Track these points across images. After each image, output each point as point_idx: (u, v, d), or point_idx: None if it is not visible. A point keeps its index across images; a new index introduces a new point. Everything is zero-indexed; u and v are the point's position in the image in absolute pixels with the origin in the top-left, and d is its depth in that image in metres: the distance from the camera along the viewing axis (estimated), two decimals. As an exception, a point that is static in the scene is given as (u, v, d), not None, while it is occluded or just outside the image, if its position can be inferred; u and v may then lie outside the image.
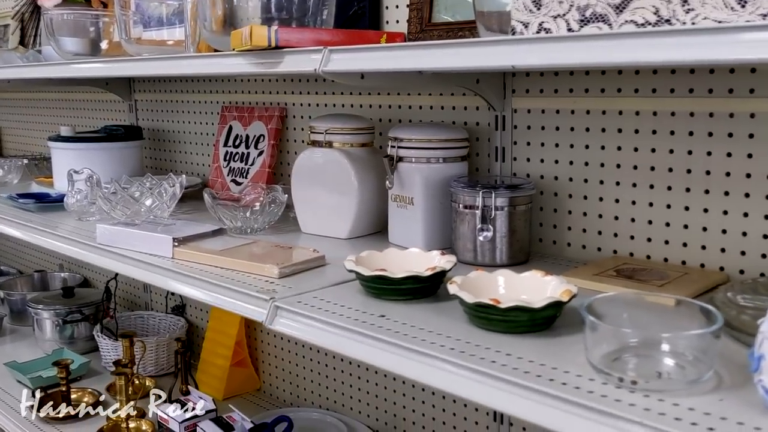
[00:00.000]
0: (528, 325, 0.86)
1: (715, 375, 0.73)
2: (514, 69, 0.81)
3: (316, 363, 1.81)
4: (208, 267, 1.19)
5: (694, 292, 1.00)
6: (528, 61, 0.78)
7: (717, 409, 0.67)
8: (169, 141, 2.16)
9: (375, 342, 0.87)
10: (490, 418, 1.44)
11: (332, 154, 1.39)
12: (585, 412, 0.68)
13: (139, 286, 2.37)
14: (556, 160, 1.27)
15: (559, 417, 0.70)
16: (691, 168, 1.11)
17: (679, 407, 0.67)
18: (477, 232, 1.16)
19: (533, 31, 0.81)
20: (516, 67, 0.80)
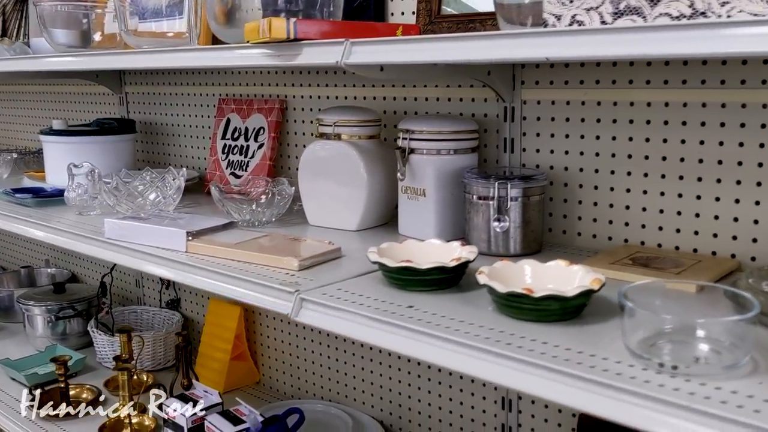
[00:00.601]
0: (559, 314, 0.88)
1: (751, 360, 0.75)
2: (548, 60, 0.82)
3: (317, 355, 1.81)
4: (224, 260, 1.18)
5: (710, 279, 1.03)
6: (563, 53, 0.79)
7: (759, 392, 0.69)
8: (162, 134, 2.13)
9: (408, 332, 0.88)
10: (498, 407, 1.46)
11: (341, 146, 1.39)
12: (630, 397, 0.70)
13: (131, 281, 2.35)
14: (566, 150, 1.28)
15: (604, 403, 0.71)
16: (703, 158, 1.13)
17: (722, 391, 0.69)
18: (493, 222, 1.17)
19: (566, 23, 0.82)
20: (550, 59, 0.81)
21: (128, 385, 1.69)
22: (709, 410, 0.65)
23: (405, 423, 1.64)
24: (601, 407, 0.71)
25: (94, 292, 2.29)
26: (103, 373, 2.04)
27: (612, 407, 0.70)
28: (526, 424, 1.42)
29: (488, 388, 1.47)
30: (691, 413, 0.66)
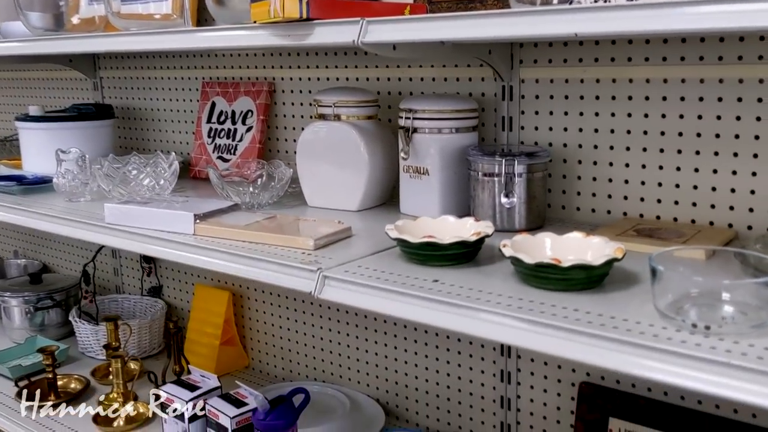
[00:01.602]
0: (584, 283, 0.91)
1: (775, 319, 0.79)
2: (577, 37, 0.84)
3: (310, 337, 1.82)
4: (236, 242, 1.18)
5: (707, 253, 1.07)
6: (591, 29, 0.82)
7: (791, 347, 0.73)
8: (140, 119, 2.10)
9: (439, 305, 0.90)
10: (497, 379, 1.50)
11: (341, 126, 1.40)
12: (671, 357, 0.73)
13: (109, 270, 2.31)
14: (565, 127, 1.32)
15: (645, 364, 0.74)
16: (701, 132, 1.18)
17: (756, 347, 0.73)
18: (502, 198, 1.20)
19: (590, 0, 0.85)
20: (579, 35, 0.83)
21: (122, 372, 1.68)
22: (748, 365, 0.69)
23: (402, 400, 1.67)
24: (641, 368, 0.74)
25: (71, 281, 2.24)
26: (88, 362, 2.01)
27: (653, 368, 0.74)
28: (525, 395, 1.47)
29: (487, 361, 1.51)
30: (732, 369, 0.70)
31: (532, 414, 1.46)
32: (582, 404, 1.37)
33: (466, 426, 1.57)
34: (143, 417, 1.68)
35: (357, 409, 1.67)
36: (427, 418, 1.63)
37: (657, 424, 1.28)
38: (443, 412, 1.60)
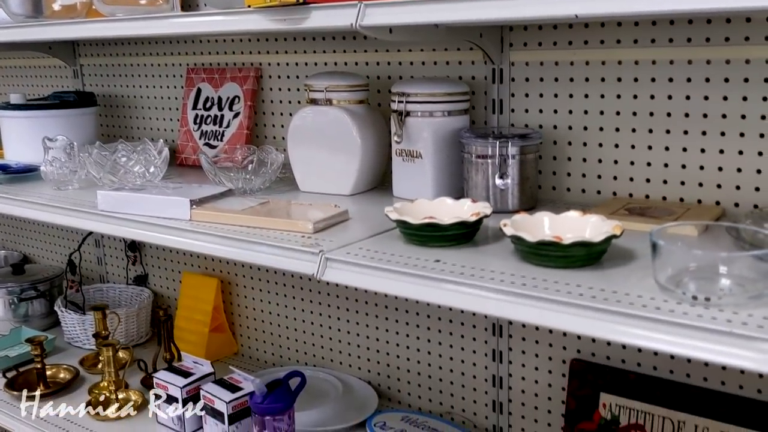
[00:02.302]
0: (584, 259, 0.93)
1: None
2: (578, 18, 0.86)
3: (300, 322, 1.83)
4: (233, 227, 1.18)
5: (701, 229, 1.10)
6: (592, 10, 0.84)
7: (789, 316, 0.76)
8: (122, 106, 2.08)
9: (444, 284, 0.92)
10: (488, 359, 1.52)
11: (333, 111, 1.40)
12: (674, 328, 0.76)
13: (93, 259, 2.30)
14: (555, 110, 1.34)
15: (650, 336, 0.77)
16: (688, 112, 1.21)
17: (754, 317, 0.76)
18: (497, 180, 1.22)
19: (589, -18, 0.86)
20: (579, 17, 0.85)
21: (114, 360, 1.67)
22: (749, 334, 0.72)
23: (394, 382, 1.69)
24: (645, 340, 0.77)
25: (55, 272, 2.22)
26: (75, 352, 2.00)
27: (657, 339, 0.76)
28: (517, 373, 1.49)
29: (478, 341, 1.53)
30: (734, 338, 0.73)
31: (524, 392, 1.49)
32: (573, 380, 1.40)
33: (458, 405, 1.59)
34: (135, 405, 1.68)
35: (350, 392, 1.68)
36: (420, 399, 1.65)
37: (647, 397, 1.32)
38: (436, 393, 1.62)
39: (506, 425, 1.53)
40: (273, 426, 1.37)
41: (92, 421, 1.62)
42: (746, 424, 1.22)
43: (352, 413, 1.59)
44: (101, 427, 1.60)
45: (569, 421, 1.40)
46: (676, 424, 1.29)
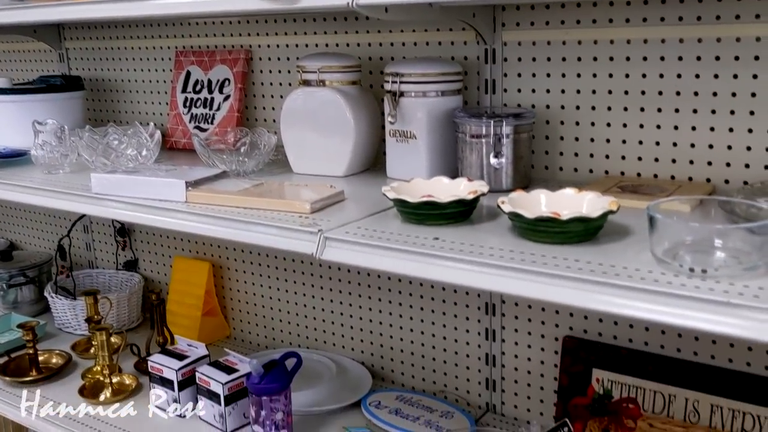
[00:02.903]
0: (582, 235, 0.95)
1: (766, 265, 0.84)
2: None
3: (292, 305, 1.84)
4: (230, 208, 1.19)
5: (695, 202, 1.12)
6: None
7: (785, 287, 0.78)
8: (110, 90, 2.06)
9: (445, 261, 0.93)
10: (482, 338, 1.54)
11: (327, 92, 1.40)
12: (673, 299, 0.77)
13: (81, 245, 2.28)
14: (548, 89, 1.35)
15: (650, 308, 0.78)
16: (680, 90, 1.22)
17: (750, 288, 0.78)
18: (492, 159, 1.23)
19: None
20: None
21: (107, 345, 1.67)
22: (746, 303, 0.74)
23: (387, 362, 1.70)
24: (645, 312, 0.78)
25: (43, 258, 2.21)
26: (66, 338, 1.99)
27: (656, 311, 0.78)
28: (510, 351, 1.51)
29: (471, 320, 1.55)
30: (731, 308, 0.74)
31: (517, 369, 1.51)
32: (566, 357, 1.42)
33: (452, 384, 1.61)
34: (129, 389, 1.68)
35: (344, 373, 1.70)
36: (413, 379, 1.67)
37: (639, 372, 1.34)
38: (429, 372, 1.64)
39: (499, 402, 1.55)
40: (270, 406, 1.38)
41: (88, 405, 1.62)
42: (736, 396, 1.25)
43: (347, 393, 1.61)
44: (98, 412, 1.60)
45: (562, 397, 1.42)
46: (668, 398, 1.31)
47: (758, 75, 1.15)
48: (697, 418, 1.28)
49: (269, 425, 1.38)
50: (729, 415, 1.26)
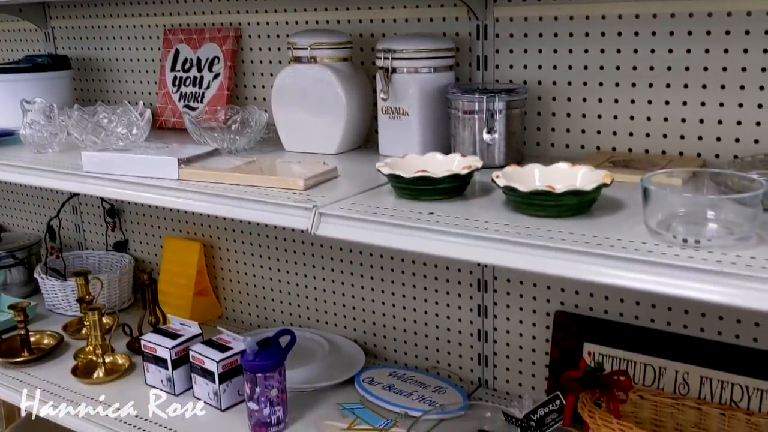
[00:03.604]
0: (576, 208, 0.95)
1: (757, 235, 0.85)
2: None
3: (284, 284, 1.84)
4: (223, 185, 1.18)
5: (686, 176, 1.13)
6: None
7: (775, 256, 0.79)
8: (97, 70, 2.04)
9: (441, 235, 0.93)
10: (474, 314, 1.55)
11: (318, 69, 1.40)
12: (667, 269, 0.78)
13: (70, 227, 2.27)
14: (540, 65, 1.35)
15: (644, 278, 0.79)
16: (671, 65, 1.23)
17: (743, 258, 0.79)
18: (485, 134, 1.23)
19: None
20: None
21: (99, 325, 1.67)
22: (739, 272, 0.75)
23: (380, 340, 1.71)
24: (640, 282, 0.80)
25: (33, 239, 2.20)
26: (57, 319, 1.98)
27: (651, 281, 0.79)
28: (502, 327, 1.52)
29: (464, 297, 1.56)
30: (724, 277, 0.75)
31: (509, 345, 1.53)
32: (557, 332, 1.43)
33: (444, 360, 1.62)
34: (122, 368, 1.68)
35: (336, 351, 1.71)
36: (406, 356, 1.68)
37: (629, 346, 1.36)
38: (422, 349, 1.65)
39: (491, 377, 1.57)
40: (264, 383, 1.38)
41: (82, 384, 1.62)
42: (725, 368, 1.27)
43: (340, 371, 1.62)
44: (91, 390, 1.60)
45: (553, 371, 1.44)
46: (658, 370, 1.33)
47: (749, 49, 1.15)
48: (687, 390, 1.30)
49: (264, 402, 1.39)
50: (718, 386, 1.28)
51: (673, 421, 1.26)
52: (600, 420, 1.09)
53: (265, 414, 1.39)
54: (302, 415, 1.48)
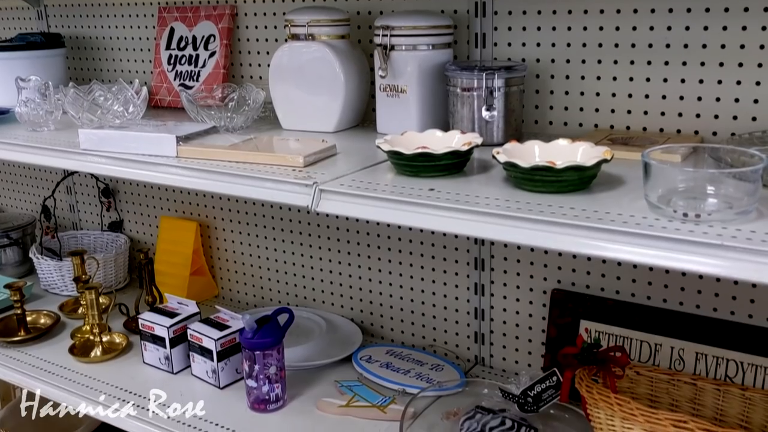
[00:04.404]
0: (576, 184, 0.96)
1: (756, 210, 0.85)
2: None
3: (281, 263, 1.84)
4: (222, 162, 1.18)
5: (685, 152, 1.14)
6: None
7: (775, 230, 0.80)
8: (91, 48, 2.02)
9: (442, 211, 0.94)
10: (471, 292, 1.56)
11: (316, 46, 1.39)
12: (668, 243, 0.79)
13: (65, 207, 2.26)
14: (538, 43, 1.35)
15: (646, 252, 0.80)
16: (670, 43, 1.23)
17: (743, 231, 0.79)
18: (484, 112, 1.23)
19: None
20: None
21: (96, 304, 1.67)
22: (740, 245, 0.76)
23: (377, 318, 1.72)
24: (642, 256, 0.80)
25: (27, 219, 2.19)
26: (53, 299, 1.98)
27: (652, 255, 0.80)
28: (499, 305, 1.53)
29: (461, 276, 1.56)
30: (725, 250, 0.76)
31: (506, 323, 1.54)
32: (554, 309, 1.44)
33: (441, 338, 1.63)
34: (119, 347, 1.68)
35: (334, 330, 1.71)
36: (403, 334, 1.69)
37: (626, 323, 1.37)
38: (419, 327, 1.66)
39: (488, 355, 1.58)
40: (263, 361, 1.39)
41: (80, 363, 1.63)
42: (720, 344, 1.28)
43: (338, 349, 1.62)
44: (89, 369, 1.60)
45: (550, 348, 1.45)
46: (654, 347, 1.34)
47: (747, 27, 1.16)
48: (683, 365, 1.32)
49: (262, 379, 1.40)
50: (713, 362, 1.29)
51: (669, 396, 1.28)
52: (597, 394, 1.10)
53: (264, 391, 1.40)
54: (301, 393, 1.49)
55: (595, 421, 1.13)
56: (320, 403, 1.44)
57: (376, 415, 1.39)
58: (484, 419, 1.30)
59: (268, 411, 1.41)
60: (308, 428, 1.36)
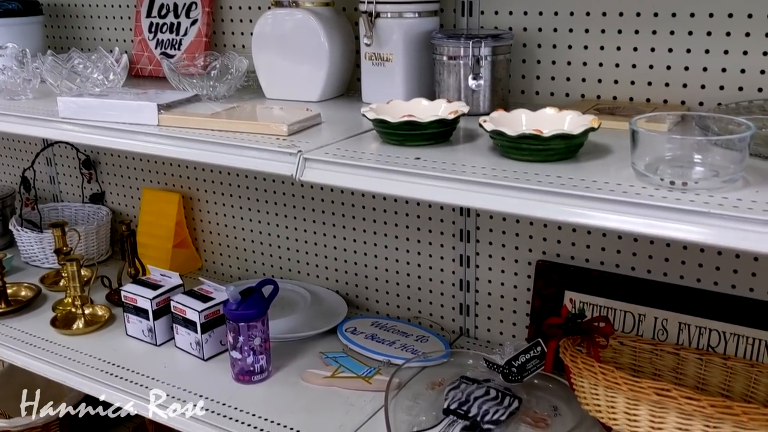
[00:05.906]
0: (563, 152, 0.95)
1: (742, 178, 0.85)
2: None
3: (265, 236, 1.83)
4: (204, 131, 1.16)
5: (673, 121, 1.13)
6: None
7: (760, 198, 0.79)
8: (69, 16, 1.98)
9: (427, 180, 0.93)
10: (456, 264, 1.56)
11: (300, 14, 1.36)
12: (655, 211, 0.79)
13: (45, 178, 2.23)
14: (525, 11, 1.33)
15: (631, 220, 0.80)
16: (657, 12, 1.22)
17: (729, 199, 0.79)
18: (470, 81, 1.22)
19: None
20: None
21: (78, 276, 1.65)
22: (726, 213, 0.75)
23: (362, 290, 1.72)
24: (628, 224, 0.80)
25: (5, 191, 2.16)
26: (34, 271, 1.96)
27: (639, 223, 0.79)
28: (484, 277, 1.53)
29: (446, 248, 1.56)
30: (711, 218, 0.76)
31: (491, 294, 1.54)
32: (539, 280, 1.45)
33: (426, 310, 1.63)
34: (102, 319, 1.67)
35: (319, 302, 1.71)
36: (388, 306, 1.69)
37: (610, 293, 1.38)
38: (404, 299, 1.66)
39: (473, 326, 1.58)
40: (248, 333, 1.38)
41: (62, 335, 1.61)
42: (703, 314, 1.29)
43: (323, 321, 1.62)
44: (71, 342, 1.59)
45: (534, 319, 1.45)
46: (637, 317, 1.35)
47: (736, -5, 1.15)
48: (666, 336, 1.33)
49: (247, 351, 1.39)
50: (696, 332, 1.30)
51: (652, 366, 1.29)
52: (582, 364, 1.11)
53: (249, 362, 1.40)
54: (285, 364, 1.48)
55: (579, 391, 1.14)
56: (305, 374, 1.43)
57: (361, 386, 1.39)
58: (468, 389, 1.30)
59: (253, 382, 1.41)
60: (293, 399, 1.36)
